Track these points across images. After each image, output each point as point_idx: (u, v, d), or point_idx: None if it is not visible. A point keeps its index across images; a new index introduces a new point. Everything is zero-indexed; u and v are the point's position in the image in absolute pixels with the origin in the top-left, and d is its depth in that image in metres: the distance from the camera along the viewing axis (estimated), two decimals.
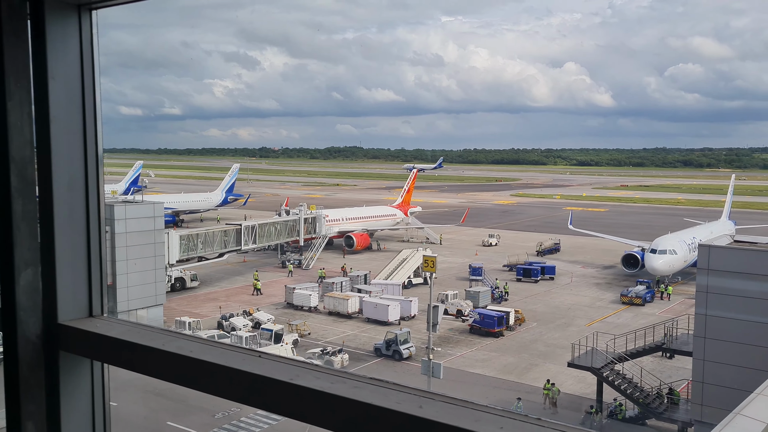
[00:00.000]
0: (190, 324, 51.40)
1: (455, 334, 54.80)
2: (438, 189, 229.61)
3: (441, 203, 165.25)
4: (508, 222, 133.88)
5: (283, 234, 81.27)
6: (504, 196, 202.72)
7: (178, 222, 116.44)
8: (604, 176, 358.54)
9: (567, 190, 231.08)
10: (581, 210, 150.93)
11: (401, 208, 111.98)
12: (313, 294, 61.87)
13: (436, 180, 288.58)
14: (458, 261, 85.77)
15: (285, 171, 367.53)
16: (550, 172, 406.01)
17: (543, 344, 52.53)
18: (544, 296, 68.98)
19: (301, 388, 2.53)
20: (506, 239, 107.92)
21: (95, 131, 3.62)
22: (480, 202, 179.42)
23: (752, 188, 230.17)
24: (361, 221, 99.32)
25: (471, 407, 2.24)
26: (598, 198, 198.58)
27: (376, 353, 49.10)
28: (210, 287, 71.18)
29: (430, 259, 46.07)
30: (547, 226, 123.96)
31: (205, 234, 67.45)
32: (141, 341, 3.18)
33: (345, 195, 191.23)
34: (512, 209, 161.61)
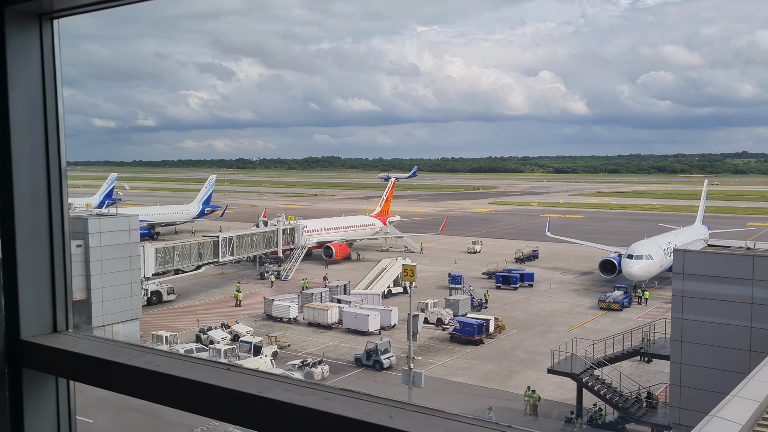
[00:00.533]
0: (167, 338, 50.73)
1: (436, 343, 54.75)
2: (416, 198, 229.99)
3: (419, 212, 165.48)
4: (486, 230, 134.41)
5: (261, 245, 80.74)
6: (482, 204, 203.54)
7: (154, 235, 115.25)
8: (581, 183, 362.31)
9: (544, 198, 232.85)
10: (559, 217, 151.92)
11: (380, 218, 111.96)
12: (293, 305, 61.48)
13: (415, 189, 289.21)
14: (438, 269, 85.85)
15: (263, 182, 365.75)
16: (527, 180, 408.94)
17: (523, 351, 52.68)
18: (524, 303, 69.26)
19: (271, 401, 2.48)
20: (485, 247, 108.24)
21: (58, 143, 3.54)
22: (458, 210, 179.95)
23: (725, 193, 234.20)
24: (339, 231, 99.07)
25: (442, 416, 2.21)
26: (575, 205, 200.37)
27: (356, 364, 48.86)
28: (187, 300, 70.39)
29: (409, 268, 46.07)
30: (525, 233, 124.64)
31: (181, 246, 66.72)
32: (107, 356, 3.11)
33: (323, 205, 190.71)
34: (490, 217, 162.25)
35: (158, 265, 62.36)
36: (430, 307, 61.35)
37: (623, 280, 72.97)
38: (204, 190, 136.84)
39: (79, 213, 58.94)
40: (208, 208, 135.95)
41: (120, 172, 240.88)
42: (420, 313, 51.96)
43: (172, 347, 48.45)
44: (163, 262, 63.31)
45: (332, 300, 64.38)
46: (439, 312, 60.25)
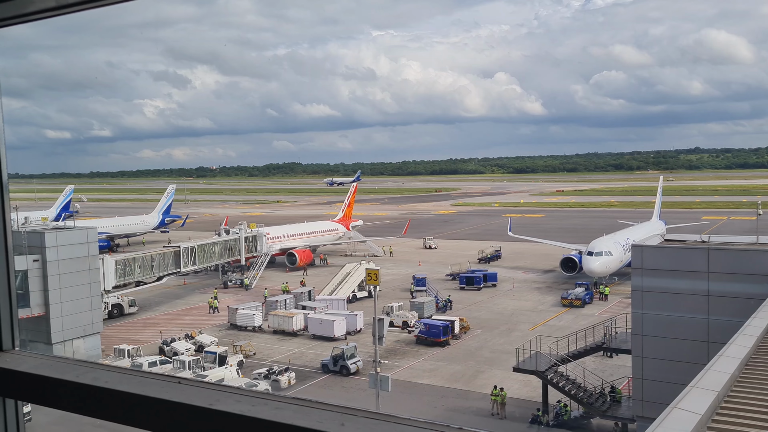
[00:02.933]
0: (129, 351, 49.74)
1: (402, 346, 54.81)
2: (379, 201, 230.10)
3: (382, 215, 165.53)
4: (449, 231, 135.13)
5: (224, 254, 79.80)
6: (444, 206, 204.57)
7: (113, 247, 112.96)
8: (540, 183, 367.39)
9: (505, 198, 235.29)
10: (520, 216, 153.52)
11: (343, 223, 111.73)
12: (257, 313, 60.89)
13: (377, 193, 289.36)
14: (402, 272, 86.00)
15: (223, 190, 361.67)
16: (487, 181, 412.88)
17: (488, 351, 53.07)
18: (488, 303, 69.76)
19: (222, 414, 2.44)
20: (448, 248, 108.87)
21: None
22: (421, 212, 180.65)
23: (679, 188, 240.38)
24: (302, 237, 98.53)
25: (393, 421, 2.20)
26: (535, 204, 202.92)
27: (323, 370, 48.62)
28: (150, 312, 69.13)
29: (373, 272, 46.03)
30: (487, 233, 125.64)
31: (142, 257, 65.52)
32: (54, 374, 3.01)
33: (285, 212, 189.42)
34: (453, 218, 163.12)
35: (118, 277, 61.15)
36: (395, 311, 61.34)
37: (584, 277, 74.14)
38: (164, 199, 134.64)
39: (35, 227, 57.36)
40: (169, 218, 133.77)
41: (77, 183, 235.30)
42: (385, 317, 51.96)
43: (134, 360, 47.51)
44: (124, 274, 62.10)
45: (297, 307, 63.95)
46: (404, 315, 60.29)
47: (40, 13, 3.07)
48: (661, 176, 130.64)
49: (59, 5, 2.88)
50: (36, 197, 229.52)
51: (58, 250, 47.63)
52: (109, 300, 63.96)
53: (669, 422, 11.96)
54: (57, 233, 48.73)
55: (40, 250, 46.84)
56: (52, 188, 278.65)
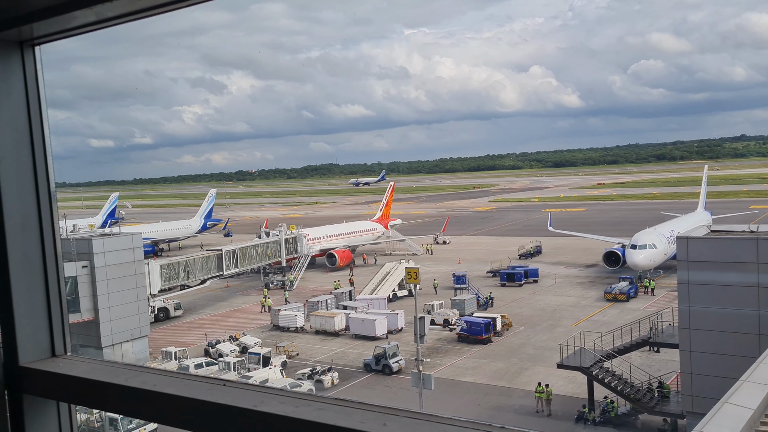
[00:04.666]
0: (176, 354, 50.72)
1: (444, 344, 54.72)
2: (417, 200, 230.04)
3: (420, 214, 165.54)
4: (488, 228, 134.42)
5: (264, 256, 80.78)
6: (483, 203, 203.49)
7: (158, 251, 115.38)
8: (580, 176, 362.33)
9: (544, 193, 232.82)
10: (560, 211, 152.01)
11: (381, 222, 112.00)
12: (299, 314, 61.49)
13: (415, 191, 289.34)
14: (442, 270, 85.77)
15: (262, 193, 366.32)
16: (526, 176, 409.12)
17: (531, 347, 52.61)
18: (529, 299, 69.18)
19: (266, 415, 2.48)
20: (487, 245, 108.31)
21: (46, 168, 3.55)
22: (459, 210, 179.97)
23: (726, 178, 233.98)
24: (342, 238, 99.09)
25: (435, 420, 2.21)
26: (575, 198, 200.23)
27: (365, 369, 48.83)
28: (194, 315, 70.43)
29: (412, 270, 46.05)
30: (527, 229, 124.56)
31: (186, 261, 66.77)
32: (104, 378, 3.11)
33: (324, 212, 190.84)
34: (491, 215, 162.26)
35: (163, 281, 62.44)
36: (436, 309, 61.30)
37: (628, 271, 72.85)
38: (205, 204, 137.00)
39: (83, 234, 59.04)
40: (210, 221, 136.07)
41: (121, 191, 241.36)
42: (426, 315, 51.93)
43: (181, 363, 48.45)
44: (168, 278, 63.38)
45: (338, 307, 64.37)
46: (445, 313, 60.23)
47: (82, 27, 3.18)
48: (706, 166, 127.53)
49: (99, 19, 2.98)
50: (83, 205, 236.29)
51: (105, 256, 48.92)
52: (156, 304, 65.24)
53: (720, 417, 11.66)
54: (104, 240, 50.06)
55: (88, 257, 48.17)
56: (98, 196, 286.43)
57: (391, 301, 69.13)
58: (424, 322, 42.69)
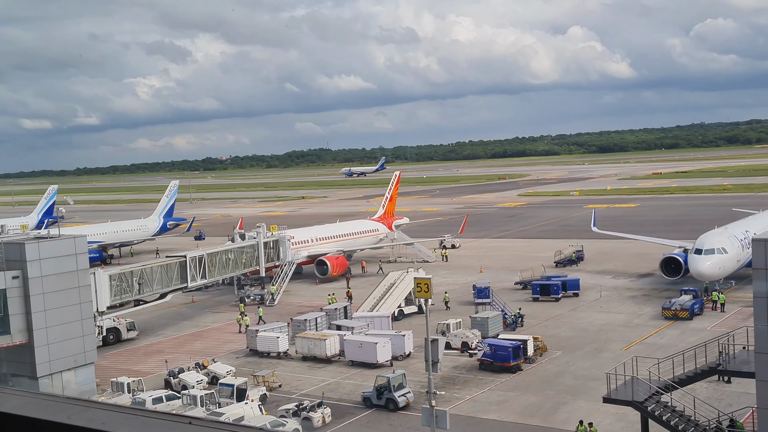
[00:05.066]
0: (129, 385, 50.82)
1: (462, 373, 54.68)
2: (428, 194, 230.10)
3: (433, 211, 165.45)
4: (517, 228, 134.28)
5: (238, 264, 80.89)
6: (510, 197, 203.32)
7: (107, 258, 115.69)
8: (632, 163, 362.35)
9: (587, 184, 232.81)
10: (606, 207, 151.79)
11: (384, 221, 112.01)
12: (282, 336, 61.57)
13: (426, 183, 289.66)
14: (459, 281, 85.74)
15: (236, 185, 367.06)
16: (564, 164, 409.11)
17: (571, 377, 52.56)
18: (569, 317, 69.10)
19: None
20: (516, 249, 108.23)
21: None
22: (481, 206, 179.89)
23: None
24: (335, 241, 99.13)
25: None
26: (625, 191, 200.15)
27: (365, 404, 48.76)
28: (152, 337, 70.55)
29: (423, 281, 45.91)
30: (565, 230, 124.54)
31: (141, 271, 66.90)
32: (41, 415, 3.09)
33: (313, 209, 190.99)
34: (521, 212, 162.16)
35: (114, 295, 62.54)
36: (452, 329, 61.21)
37: (692, 282, 72.78)
38: (165, 199, 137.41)
39: (13, 237, 59.02)
40: (171, 221, 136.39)
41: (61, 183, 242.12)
42: (440, 337, 51.86)
43: (136, 396, 48.53)
44: (120, 291, 63.49)
45: (330, 327, 64.35)
46: (463, 334, 60.15)
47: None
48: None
49: None
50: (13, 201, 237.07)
51: (42, 264, 48.90)
52: (104, 323, 65.40)
53: None
54: (39, 244, 50.06)
55: (20, 265, 48.20)
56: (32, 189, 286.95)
57: (397, 319, 69.05)
58: (437, 345, 42.58)
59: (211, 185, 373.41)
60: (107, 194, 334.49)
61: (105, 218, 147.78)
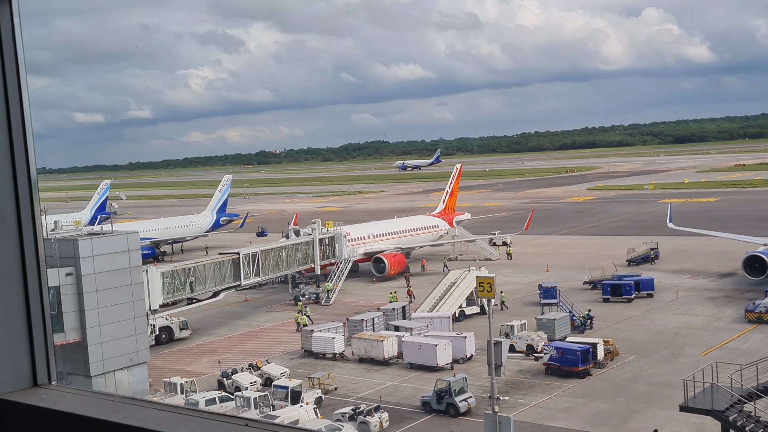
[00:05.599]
0: (182, 386, 51.81)
1: (527, 377, 54.40)
2: (491, 188, 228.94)
3: (496, 206, 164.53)
4: (586, 224, 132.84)
5: (293, 261, 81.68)
6: (579, 191, 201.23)
7: (159, 255, 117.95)
8: (712, 154, 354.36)
9: (662, 177, 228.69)
10: (683, 202, 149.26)
11: (444, 217, 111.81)
12: (338, 336, 61.99)
13: (489, 176, 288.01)
14: (523, 280, 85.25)
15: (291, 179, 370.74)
16: (637, 155, 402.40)
17: (645, 383, 51.87)
18: (642, 319, 68.22)
19: None
20: (585, 247, 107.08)
21: (25, 150, 3.62)
22: (547, 200, 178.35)
23: None
24: (393, 238, 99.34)
25: None
26: (704, 184, 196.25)
27: (424, 408, 48.85)
28: (205, 336, 71.77)
29: (486, 280, 45.83)
30: (638, 226, 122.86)
31: (194, 268, 68.09)
32: (98, 415, 3.20)
33: (370, 205, 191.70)
34: (590, 207, 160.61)
35: (166, 293, 63.76)
36: (516, 331, 60.92)
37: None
38: (218, 194, 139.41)
39: (67, 233, 60.65)
40: (224, 217, 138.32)
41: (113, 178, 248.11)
42: (504, 339, 51.55)
43: (189, 397, 49.47)
44: (173, 289, 64.69)
45: (388, 327, 64.56)
46: (529, 336, 59.80)
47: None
48: None
49: None
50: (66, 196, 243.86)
51: (95, 261, 50.09)
52: (156, 322, 66.69)
53: None
54: (92, 240, 51.33)
55: (73, 262, 49.46)
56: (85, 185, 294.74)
57: (458, 320, 68.99)
58: (500, 348, 42.40)
59: (265, 180, 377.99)
60: (159, 189, 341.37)
61: (157, 214, 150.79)
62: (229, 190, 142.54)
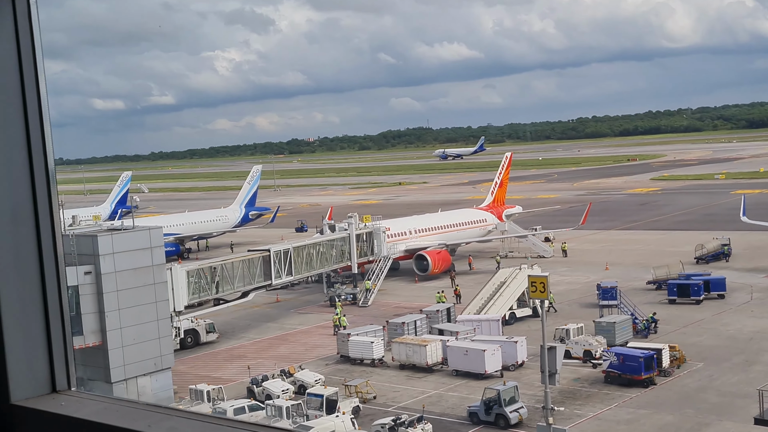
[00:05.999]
0: (209, 393, 52.29)
1: (584, 386, 54.07)
2: (544, 178, 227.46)
3: (550, 198, 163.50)
4: (650, 218, 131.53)
5: (328, 259, 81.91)
6: (641, 182, 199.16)
7: (184, 252, 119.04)
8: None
9: (735, 166, 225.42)
10: (759, 193, 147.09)
11: (493, 210, 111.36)
12: (377, 341, 62.09)
13: (541, 165, 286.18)
14: (580, 280, 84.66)
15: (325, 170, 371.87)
16: (707, 141, 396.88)
17: (715, 393, 51.32)
18: (712, 323, 67.48)
19: None
20: (649, 243, 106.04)
21: (42, 139, 3.68)
22: (606, 192, 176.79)
23: None
24: (436, 233, 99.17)
25: None
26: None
27: (471, 420, 48.77)
28: (233, 340, 72.35)
29: (539, 280, 45.62)
30: (708, 220, 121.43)
31: (222, 266, 68.56)
32: (120, 423, 3.25)
33: (412, 197, 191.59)
34: (654, 199, 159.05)
35: (192, 293, 64.30)
36: (573, 335, 60.59)
37: None
38: (247, 186, 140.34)
39: (85, 229, 61.44)
40: (254, 211, 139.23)
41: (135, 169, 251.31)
42: (559, 345, 51.31)
43: (216, 406, 49.92)
44: (199, 289, 65.21)
45: (431, 331, 64.52)
46: (586, 341, 59.43)
47: None
48: None
49: None
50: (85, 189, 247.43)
51: (115, 259, 50.64)
52: (181, 324, 67.28)
53: None
54: (113, 236, 51.93)
55: (92, 259, 50.08)
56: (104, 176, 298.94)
57: (508, 323, 68.75)
58: (555, 354, 42.25)
59: (298, 170, 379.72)
60: (184, 181, 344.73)
61: (182, 208, 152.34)
62: (258, 181, 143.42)
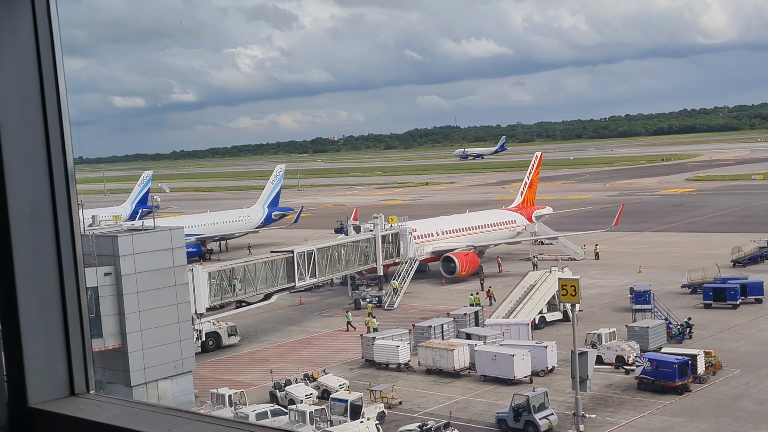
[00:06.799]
0: (230, 398, 52.46)
1: (616, 393, 53.77)
2: (576, 178, 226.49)
3: (581, 199, 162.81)
4: (684, 220, 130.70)
5: (353, 260, 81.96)
6: (676, 182, 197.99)
7: (205, 253, 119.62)
8: None
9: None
10: None
11: (523, 211, 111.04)
12: (403, 345, 62.07)
13: (573, 165, 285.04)
14: (614, 283, 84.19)
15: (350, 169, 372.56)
16: (745, 141, 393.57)
17: (753, 401, 50.90)
18: (749, 328, 66.92)
19: None
20: (684, 245, 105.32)
21: (61, 137, 3.70)
22: (640, 192, 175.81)
23: None
24: (464, 234, 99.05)
25: None
26: None
27: (500, 426, 48.65)
28: (256, 343, 72.59)
29: (569, 283, 45.51)
30: (746, 221, 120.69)
31: (244, 268, 68.77)
32: (140, 427, 3.26)
33: (439, 197, 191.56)
34: (690, 201, 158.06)
35: (214, 295, 64.53)
36: (604, 340, 60.23)
37: None
38: (270, 186, 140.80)
39: (105, 229, 61.86)
40: (277, 211, 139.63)
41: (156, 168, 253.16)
42: (591, 350, 51.11)
43: (238, 410, 50.10)
44: (221, 291, 65.44)
45: (459, 335, 64.43)
46: (618, 346, 59.09)
47: None
48: None
49: None
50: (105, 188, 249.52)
51: (136, 260, 50.98)
52: (203, 327, 67.61)
53: None
54: (133, 237, 52.28)
55: (112, 260, 50.43)
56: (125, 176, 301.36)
57: (537, 327, 68.53)
58: (586, 359, 42.07)
59: (322, 170, 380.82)
60: (206, 180, 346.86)
61: (203, 208, 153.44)
62: (282, 181, 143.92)
